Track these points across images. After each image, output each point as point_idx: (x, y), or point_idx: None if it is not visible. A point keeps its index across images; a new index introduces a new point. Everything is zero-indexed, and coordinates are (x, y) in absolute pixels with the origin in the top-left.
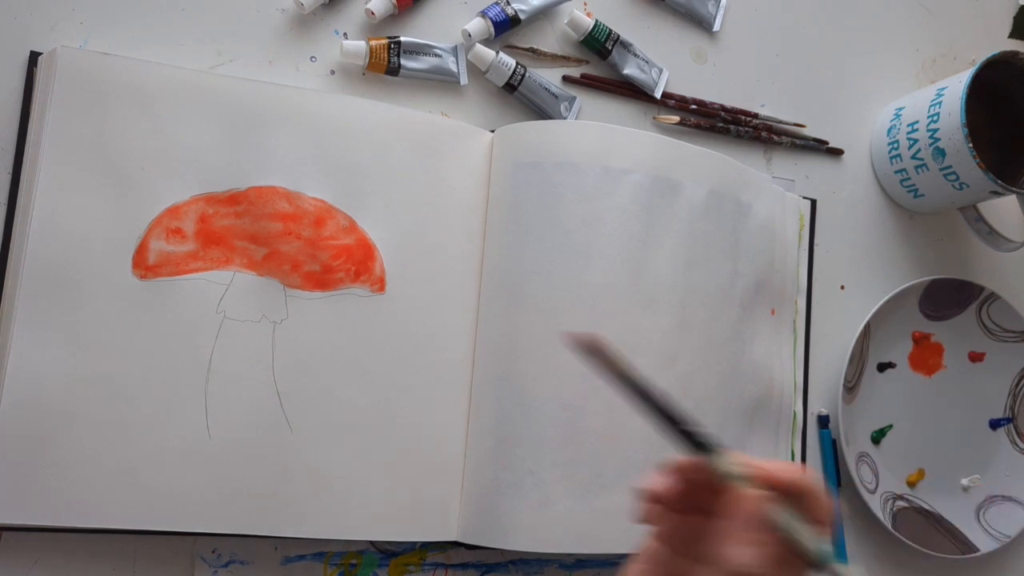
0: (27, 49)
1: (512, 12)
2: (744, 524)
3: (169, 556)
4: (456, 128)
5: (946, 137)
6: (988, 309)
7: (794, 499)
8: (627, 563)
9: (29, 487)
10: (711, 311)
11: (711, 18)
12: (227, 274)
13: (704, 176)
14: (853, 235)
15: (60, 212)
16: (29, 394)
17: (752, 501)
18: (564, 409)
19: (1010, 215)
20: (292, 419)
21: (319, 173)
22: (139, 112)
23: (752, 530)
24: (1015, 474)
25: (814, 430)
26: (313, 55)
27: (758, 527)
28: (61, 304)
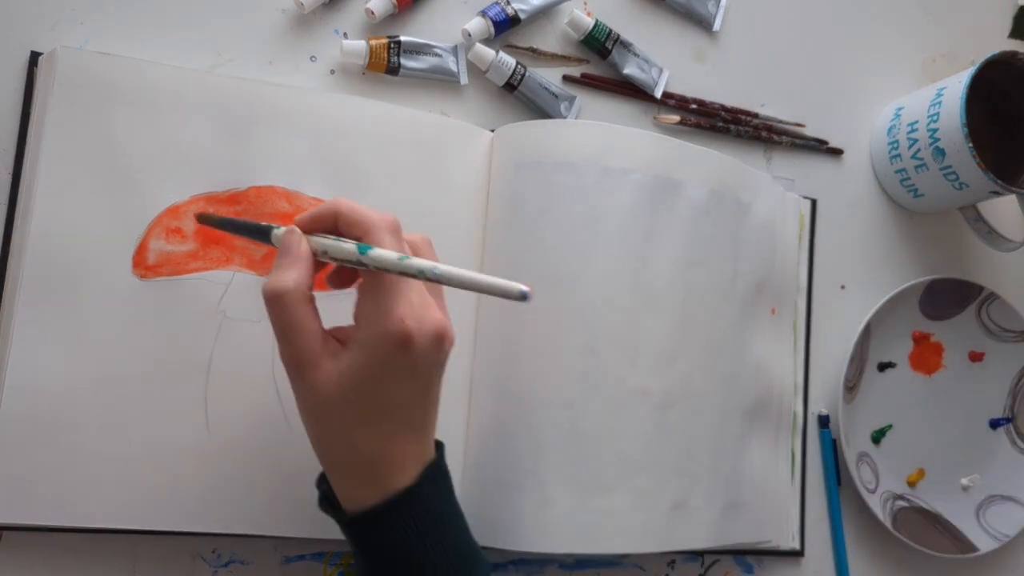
0: (27, 49)
1: (512, 12)
2: (278, 257)
3: (169, 556)
4: (456, 128)
5: (946, 137)
6: (988, 309)
7: (336, 227)
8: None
9: (29, 487)
10: (711, 311)
11: (711, 18)
12: (227, 274)
13: (704, 176)
14: (853, 235)
15: (60, 212)
16: (29, 394)
17: (284, 236)
18: (564, 409)
19: (1010, 215)
20: (292, 419)
21: (319, 173)
22: (139, 112)
23: (281, 258)
24: (1015, 474)
25: (814, 430)
26: (313, 55)
27: (286, 255)
28: (61, 304)
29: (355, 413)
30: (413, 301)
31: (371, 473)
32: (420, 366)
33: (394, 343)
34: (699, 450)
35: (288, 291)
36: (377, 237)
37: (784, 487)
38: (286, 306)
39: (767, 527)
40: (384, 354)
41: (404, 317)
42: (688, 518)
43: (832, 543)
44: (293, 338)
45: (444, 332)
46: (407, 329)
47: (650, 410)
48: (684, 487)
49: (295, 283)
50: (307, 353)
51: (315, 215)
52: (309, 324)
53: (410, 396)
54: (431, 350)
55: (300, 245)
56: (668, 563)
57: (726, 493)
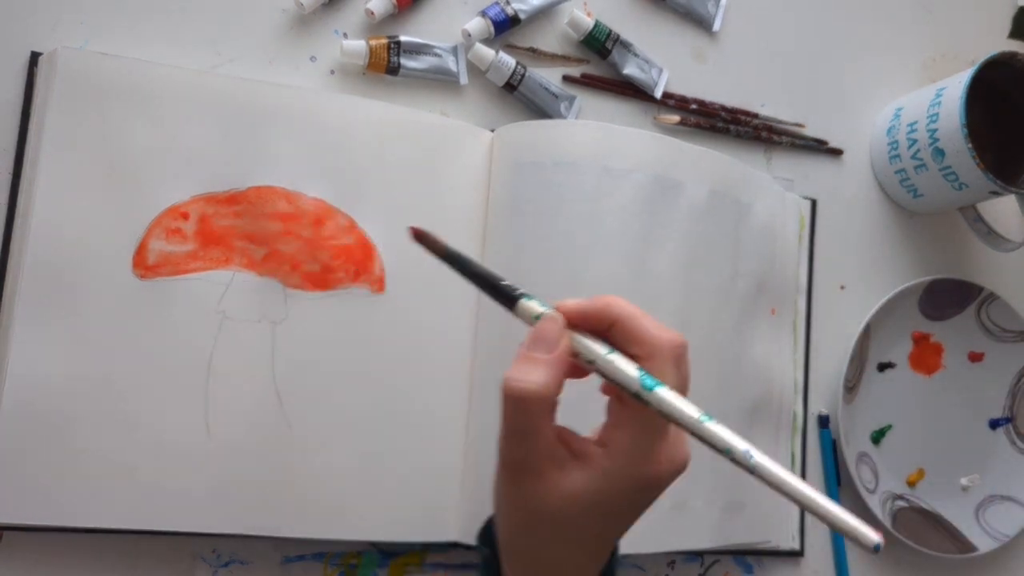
0: (27, 49)
1: (512, 12)
2: (528, 344)
3: (169, 556)
4: (456, 128)
5: (946, 137)
6: (988, 309)
7: (610, 332)
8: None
9: (29, 487)
10: (711, 311)
11: (711, 18)
12: (227, 274)
13: (705, 176)
14: (853, 235)
15: (60, 212)
16: (29, 394)
17: (543, 322)
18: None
19: (1010, 215)
20: (292, 419)
21: (319, 173)
22: (139, 112)
23: (534, 349)
24: (1014, 474)
25: (814, 430)
26: (313, 55)
27: (540, 347)
28: (61, 304)
29: (570, 537)
30: (675, 438)
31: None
32: (651, 502)
33: (648, 486)
34: (699, 450)
35: (535, 396)
36: (661, 368)
37: None
38: (526, 411)
39: (767, 527)
40: (631, 491)
41: (663, 460)
42: (688, 518)
43: (832, 543)
44: (526, 443)
45: (687, 465)
46: (663, 473)
47: None
48: (684, 487)
49: (544, 388)
50: (535, 463)
51: (586, 309)
52: (546, 432)
53: (630, 523)
54: (671, 483)
55: (561, 342)
56: (668, 563)
57: (726, 493)
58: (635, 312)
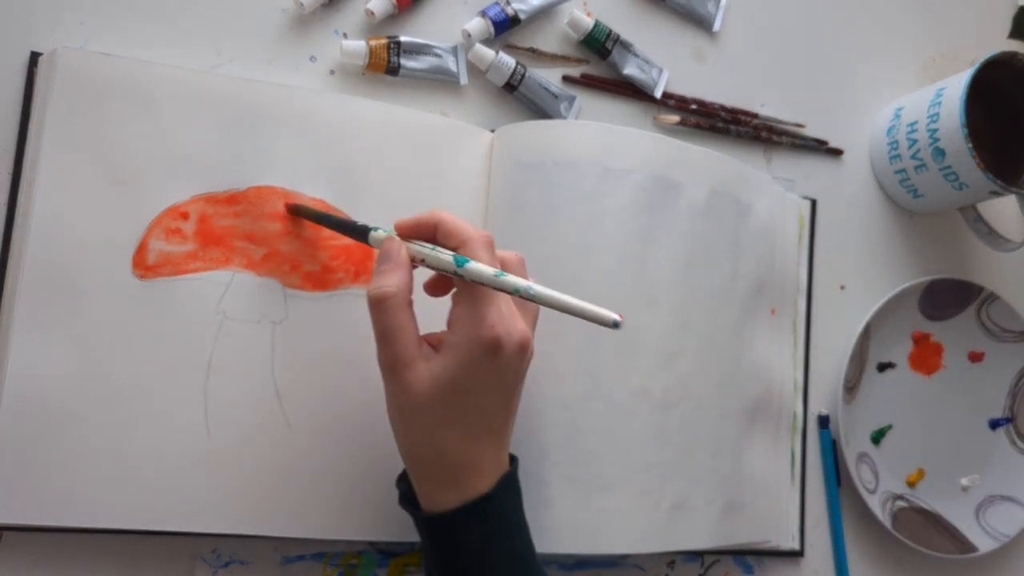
0: (27, 49)
1: (512, 12)
2: (378, 261)
3: (169, 556)
4: (456, 128)
5: (946, 137)
6: (988, 309)
7: (438, 237)
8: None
9: (29, 487)
10: (711, 311)
11: (711, 18)
12: (227, 274)
13: (704, 176)
14: (853, 235)
15: (60, 212)
16: (29, 394)
17: (385, 242)
18: (564, 409)
19: (1010, 215)
20: (292, 419)
21: (319, 173)
22: (139, 112)
23: (382, 263)
24: (1015, 474)
25: (814, 430)
26: (313, 55)
27: (387, 260)
28: (61, 304)
29: (443, 415)
30: (503, 311)
31: (453, 476)
32: (505, 373)
33: (484, 349)
34: (699, 450)
35: (391, 295)
36: (473, 250)
37: (784, 487)
38: (388, 310)
39: (767, 527)
40: (474, 359)
41: (495, 324)
42: (688, 518)
43: (832, 543)
44: (393, 341)
45: (527, 343)
46: (497, 336)
47: (650, 410)
48: (684, 487)
49: (397, 288)
50: (404, 355)
51: (416, 223)
52: (408, 328)
53: (494, 402)
54: (515, 358)
55: (400, 252)
56: (668, 563)
57: (726, 493)
58: (453, 216)
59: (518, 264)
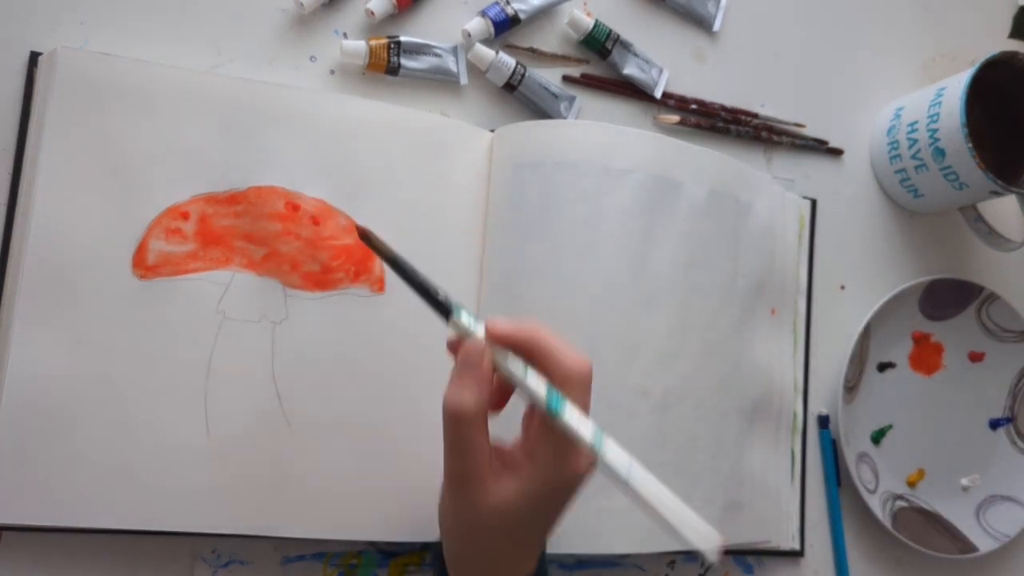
0: (27, 49)
1: (512, 12)
2: (460, 366)
3: (169, 556)
4: (456, 128)
5: (946, 137)
6: (988, 309)
7: (531, 354)
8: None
9: (29, 487)
10: (711, 311)
11: (711, 18)
12: (227, 274)
13: (704, 176)
14: (853, 235)
15: (60, 212)
16: (29, 394)
17: (469, 345)
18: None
19: (1010, 215)
20: (292, 419)
21: (319, 173)
22: (139, 112)
23: (465, 371)
24: (1015, 474)
25: (814, 430)
26: (313, 55)
27: (470, 368)
28: (61, 304)
29: (507, 537)
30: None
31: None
32: (569, 502)
33: (567, 487)
34: (699, 450)
35: (469, 412)
36: (568, 389)
37: (784, 487)
38: (464, 426)
39: (767, 527)
40: (555, 495)
41: (581, 463)
42: None
43: (832, 543)
44: (463, 456)
45: (593, 470)
46: (582, 474)
47: (649, 410)
48: (684, 487)
49: (476, 404)
50: (474, 474)
51: (513, 332)
52: (482, 446)
53: (554, 522)
54: (578, 490)
55: (484, 362)
56: (668, 563)
57: (726, 493)
58: (554, 341)
59: (586, 380)
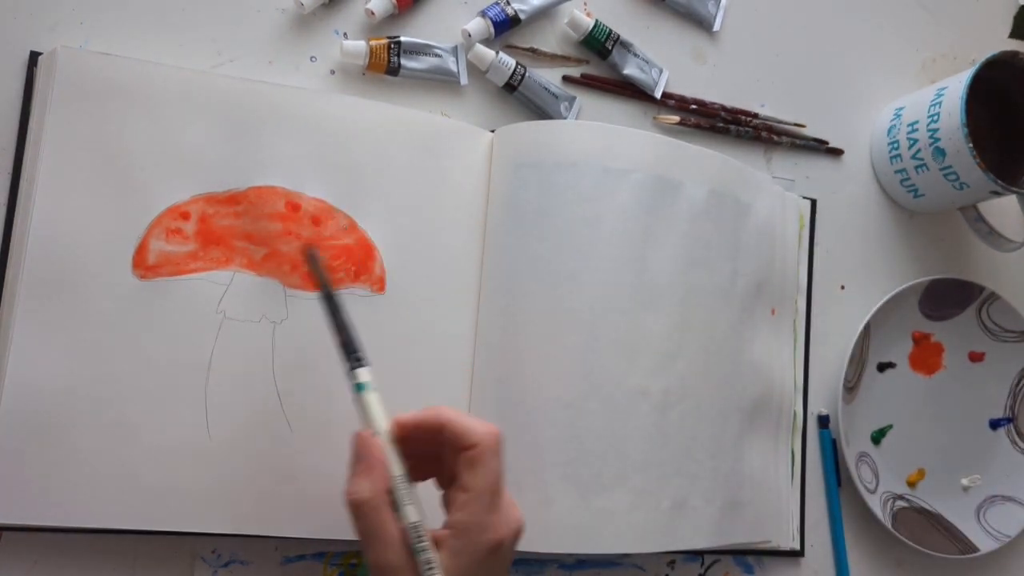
0: (27, 49)
1: (512, 12)
2: (353, 458)
3: (169, 556)
4: (456, 128)
5: (946, 137)
6: (988, 309)
7: (440, 433)
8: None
9: (29, 487)
10: (711, 311)
11: (711, 18)
12: (227, 274)
13: (704, 176)
14: (853, 235)
15: (60, 212)
16: (29, 394)
17: (359, 437)
18: (564, 409)
19: (1010, 215)
20: (292, 419)
21: (319, 173)
22: (139, 112)
23: (357, 462)
24: (1015, 474)
25: (814, 430)
26: (313, 55)
27: (362, 459)
28: (61, 304)
29: None
30: (505, 507)
31: None
32: (505, 562)
33: (490, 552)
34: (699, 450)
35: (365, 501)
36: (484, 455)
37: (784, 487)
38: (365, 515)
39: (767, 527)
40: (479, 563)
41: (501, 527)
42: (688, 518)
43: (832, 543)
44: (374, 545)
45: (522, 527)
46: (502, 538)
47: (650, 410)
48: (684, 487)
49: (371, 491)
50: (387, 560)
51: (417, 423)
52: (387, 531)
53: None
54: (514, 546)
55: (373, 453)
56: (668, 563)
57: (726, 493)
58: (460, 415)
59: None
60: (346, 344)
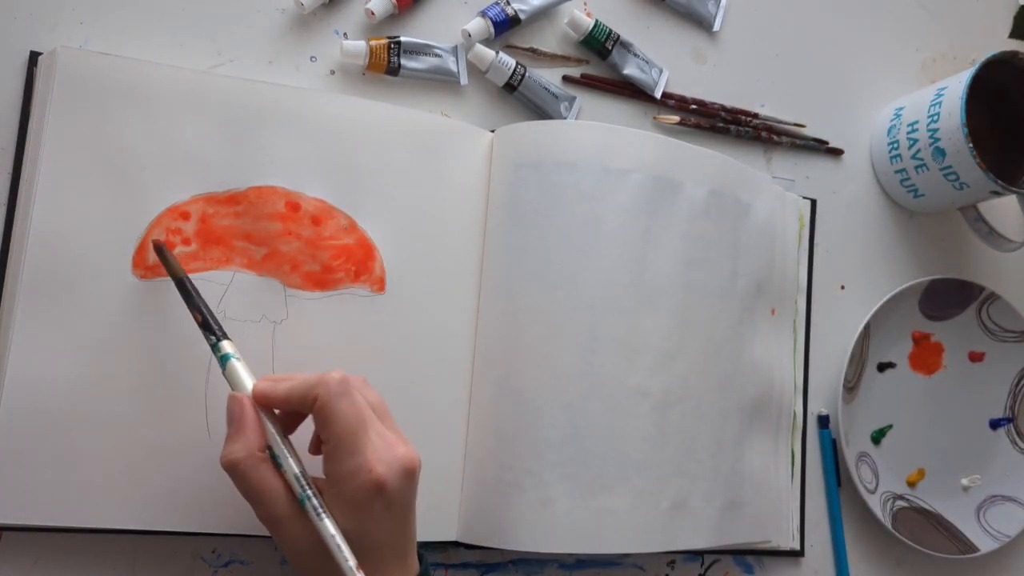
0: (27, 49)
1: (512, 12)
2: (228, 423)
3: (169, 556)
4: (456, 128)
5: (946, 137)
6: (988, 309)
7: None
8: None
9: (29, 487)
10: (711, 311)
11: (711, 18)
12: (227, 274)
13: (704, 176)
14: (853, 235)
15: (60, 212)
16: (29, 394)
17: (230, 400)
18: (564, 409)
19: (1010, 215)
20: None
21: (319, 173)
22: (139, 112)
23: (230, 426)
24: (1015, 474)
25: (814, 430)
26: (313, 55)
27: (233, 423)
28: (61, 304)
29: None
30: (377, 446)
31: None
32: (396, 503)
33: (370, 494)
34: (698, 450)
35: (240, 460)
36: (331, 394)
37: (784, 487)
38: (242, 474)
39: (767, 527)
40: (361, 507)
41: (373, 467)
42: (688, 518)
43: (832, 543)
44: (258, 502)
45: (412, 465)
46: (380, 477)
47: (649, 410)
48: (684, 487)
49: (245, 450)
50: (275, 513)
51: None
52: (269, 485)
53: (390, 531)
54: (403, 486)
55: (245, 414)
56: (668, 563)
57: (726, 493)
58: (293, 379)
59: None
60: (204, 323)
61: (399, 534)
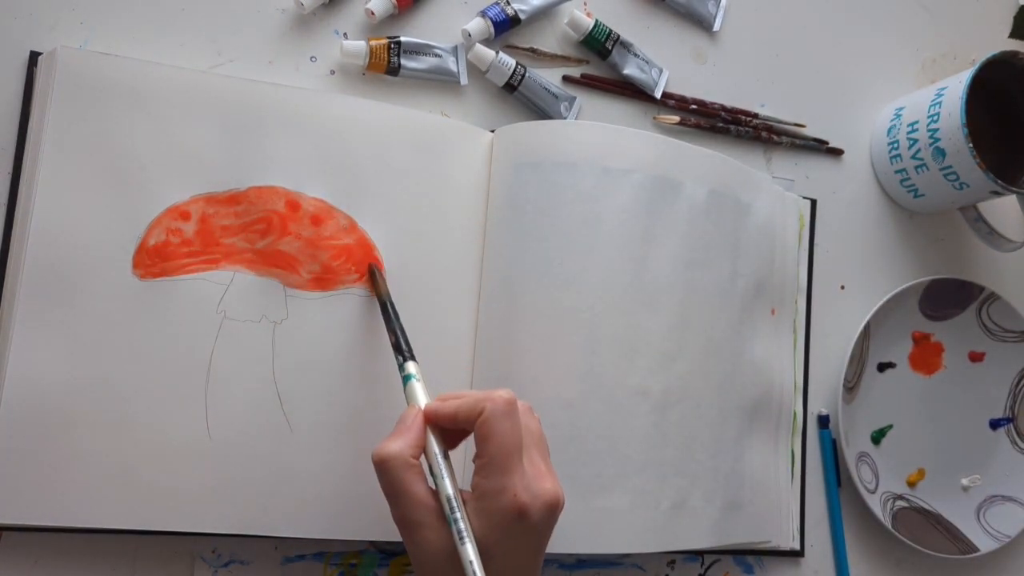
0: (27, 49)
1: (512, 12)
2: (400, 420)
3: (169, 556)
4: (456, 128)
5: (946, 137)
6: (988, 309)
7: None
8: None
9: (29, 487)
10: (711, 311)
11: (711, 18)
12: (227, 274)
13: (704, 176)
14: (853, 235)
15: (60, 212)
16: (29, 394)
17: (407, 409)
18: (564, 409)
19: (1010, 215)
20: (292, 419)
21: (319, 173)
22: (139, 112)
23: (398, 426)
24: (1015, 474)
25: (814, 430)
26: (313, 55)
27: (401, 424)
28: (61, 304)
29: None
30: (527, 473)
31: None
32: (532, 533)
33: (511, 517)
34: (698, 450)
35: (391, 457)
36: (496, 413)
37: (784, 487)
38: (388, 471)
39: (767, 527)
40: (500, 526)
41: (519, 492)
42: (688, 518)
43: (832, 543)
44: (397, 503)
45: (557, 501)
46: (523, 504)
47: (649, 410)
48: (684, 487)
49: (399, 450)
50: (413, 517)
51: (447, 416)
52: (411, 491)
53: (520, 558)
54: (542, 518)
55: (415, 419)
56: (668, 563)
57: (726, 493)
58: (465, 397)
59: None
60: (395, 345)
61: (527, 564)
